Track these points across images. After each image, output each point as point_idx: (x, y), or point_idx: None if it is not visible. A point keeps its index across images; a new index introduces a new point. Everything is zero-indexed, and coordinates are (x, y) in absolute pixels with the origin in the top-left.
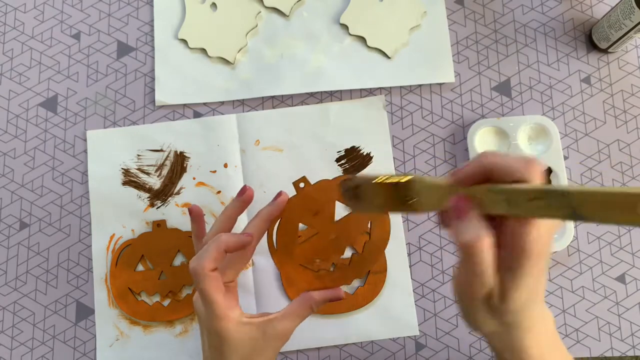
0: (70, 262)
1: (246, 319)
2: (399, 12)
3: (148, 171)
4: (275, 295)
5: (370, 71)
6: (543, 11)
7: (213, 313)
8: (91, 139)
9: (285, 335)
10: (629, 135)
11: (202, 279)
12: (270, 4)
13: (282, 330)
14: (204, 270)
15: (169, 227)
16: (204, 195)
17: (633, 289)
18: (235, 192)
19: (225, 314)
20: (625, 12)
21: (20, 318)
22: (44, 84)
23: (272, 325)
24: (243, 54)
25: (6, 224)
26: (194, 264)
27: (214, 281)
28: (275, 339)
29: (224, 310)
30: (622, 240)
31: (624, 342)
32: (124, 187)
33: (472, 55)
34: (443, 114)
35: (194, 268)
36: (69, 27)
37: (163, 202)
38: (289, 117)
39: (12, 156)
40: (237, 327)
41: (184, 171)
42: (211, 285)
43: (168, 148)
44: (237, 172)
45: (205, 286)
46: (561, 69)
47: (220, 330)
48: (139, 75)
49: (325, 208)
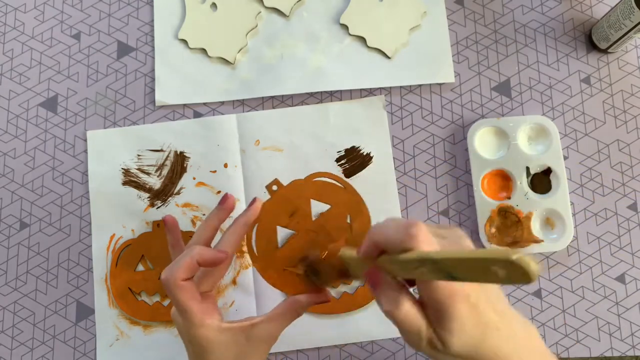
0: (70, 262)
1: (226, 324)
2: (399, 12)
3: (148, 171)
4: (275, 296)
5: (370, 71)
6: (543, 11)
7: (190, 322)
8: (91, 139)
9: (271, 339)
10: (628, 135)
11: (174, 289)
12: (270, 4)
13: (267, 334)
14: (175, 280)
15: None
16: (204, 195)
17: (633, 289)
18: (235, 192)
19: (202, 321)
20: (625, 12)
21: (21, 318)
22: (44, 84)
23: (257, 329)
24: (243, 54)
25: (6, 224)
26: (165, 275)
27: (187, 291)
28: (260, 343)
29: (200, 318)
30: (622, 240)
31: (624, 342)
32: (124, 187)
33: (472, 55)
34: (443, 114)
35: (165, 279)
36: (69, 27)
37: (163, 202)
38: (289, 117)
39: (12, 156)
40: (217, 334)
41: (184, 171)
42: (184, 294)
43: (168, 148)
44: (237, 172)
45: (178, 296)
46: (561, 69)
47: (200, 338)
48: (139, 75)
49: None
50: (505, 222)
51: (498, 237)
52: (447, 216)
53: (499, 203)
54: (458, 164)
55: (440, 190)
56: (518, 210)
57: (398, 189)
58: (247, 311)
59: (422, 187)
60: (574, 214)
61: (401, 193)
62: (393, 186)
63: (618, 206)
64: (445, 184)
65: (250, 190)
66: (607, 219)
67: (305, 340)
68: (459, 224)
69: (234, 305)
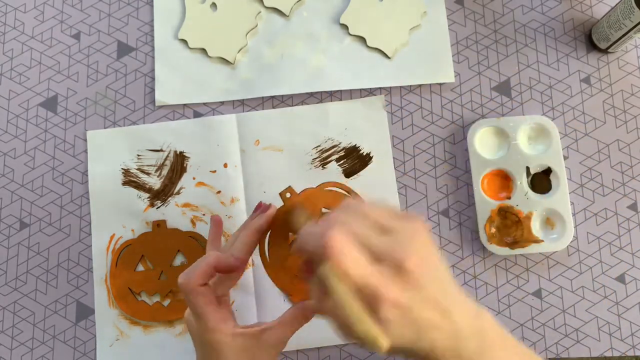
0: (70, 262)
1: (240, 329)
2: (399, 12)
3: (148, 171)
4: (275, 295)
5: (370, 71)
6: (543, 11)
7: (205, 326)
8: (91, 139)
9: (281, 344)
10: (628, 135)
11: (191, 293)
12: (270, 4)
13: (277, 339)
14: (193, 285)
15: (169, 227)
16: (203, 195)
17: (633, 289)
18: (235, 192)
19: (218, 326)
20: (625, 12)
21: (20, 318)
22: (44, 84)
23: (267, 334)
24: (243, 54)
25: (6, 224)
26: (183, 279)
27: (204, 296)
28: (270, 349)
29: (216, 323)
30: (622, 240)
31: (624, 342)
32: (124, 187)
33: (472, 55)
34: (443, 114)
35: (183, 283)
36: (69, 27)
37: (163, 202)
38: (288, 117)
39: (12, 156)
40: (231, 339)
41: (184, 171)
42: (201, 299)
43: (168, 148)
44: (237, 172)
45: (195, 301)
46: (561, 69)
47: (214, 343)
48: (139, 75)
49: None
50: (505, 222)
51: (498, 237)
52: (447, 216)
53: (499, 203)
54: (458, 164)
55: (440, 190)
56: (518, 210)
57: (398, 189)
58: (247, 311)
59: (422, 187)
60: (574, 214)
61: (401, 193)
62: (393, 186)
63: (618, 206)
64: (445, 184)
65: (250, 190)
66: (607, 219)
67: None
68: (459, 224)
69: (233, 305)
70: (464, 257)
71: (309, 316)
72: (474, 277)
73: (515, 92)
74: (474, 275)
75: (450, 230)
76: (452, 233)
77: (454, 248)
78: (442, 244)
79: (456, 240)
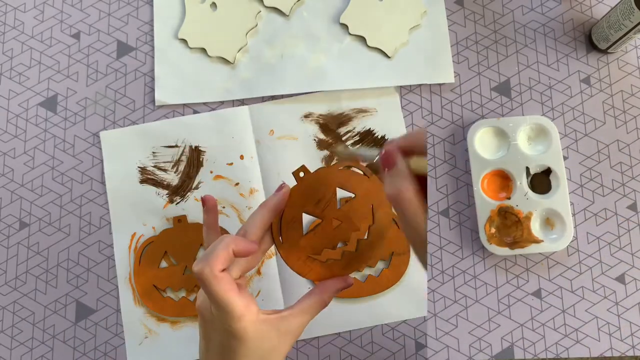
0: (70, 262)
1: (263, 315)
2: (399, 12)
3: (165, 168)
4: (301, 282)
5: (370, 71)
6: (543, 12)
7: (230, 315)
8: (105, 140)
9: (298, 331)
10: (628, 135)
11: (212, 280)
12: (270, 4)
13: (296, 326)
14: (213, 272)
15: (190, 221)
16: (222, 188)
17: (632, 289)
18: (253, 183)
19: (243, 313)
20: (624, 12)
21: (20, 318)
22: (44, 83)
23: (287, 322)
24: (243, 54)
25: (6, 224)
26: (200, 267)
27: (226, 282)
28: (288, 336)
29: (241, 310)
30: (622, 240)
31: (624, 342)
32: (142, 185)
33: (472, 56)
34: (443, 114)
35: (200, 271)
36: (68, 26)
37: (182, 197)
38: (300, 105)
39: (12, 156)
40: (255, 326)
41: (201, 165)
42: (223, 286)
43: (182, 143)
44: (253, 163)
45: (216, 288)
46: (561, 69)
47: (240, 331)
48: (139, 75)
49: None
50: (505, 222)
51: (498, 237)
52: (447, 216)
53: (498, 203)
54: (458, 164)
55: (440, 190)
56: (518, 210)
57: None
58: (274, 300)
59: None
60: (574, 214)
61: None
62: None
63: (618, 206)
64: (445, 184)
65: (268, 180)
66: (607, 219)
67: (335, 325)
68: (459, 224)
69: (260, 295)
70: (464, 257)
71: (327, 301)
72: (474, 277)
73: (515, 92)
74: (474, 275)
75: (450, 230)
76: (452, 233)
77: (454, 248)
78: (442, 244)
79: (456, 240)
